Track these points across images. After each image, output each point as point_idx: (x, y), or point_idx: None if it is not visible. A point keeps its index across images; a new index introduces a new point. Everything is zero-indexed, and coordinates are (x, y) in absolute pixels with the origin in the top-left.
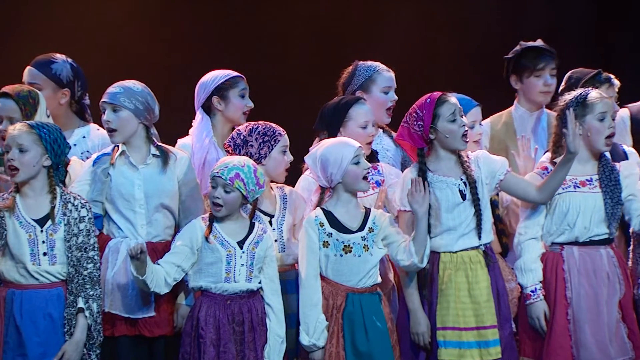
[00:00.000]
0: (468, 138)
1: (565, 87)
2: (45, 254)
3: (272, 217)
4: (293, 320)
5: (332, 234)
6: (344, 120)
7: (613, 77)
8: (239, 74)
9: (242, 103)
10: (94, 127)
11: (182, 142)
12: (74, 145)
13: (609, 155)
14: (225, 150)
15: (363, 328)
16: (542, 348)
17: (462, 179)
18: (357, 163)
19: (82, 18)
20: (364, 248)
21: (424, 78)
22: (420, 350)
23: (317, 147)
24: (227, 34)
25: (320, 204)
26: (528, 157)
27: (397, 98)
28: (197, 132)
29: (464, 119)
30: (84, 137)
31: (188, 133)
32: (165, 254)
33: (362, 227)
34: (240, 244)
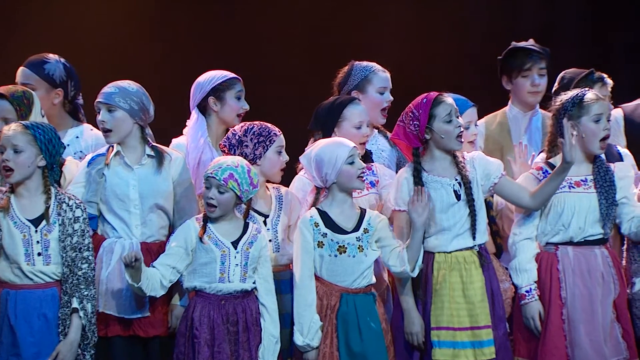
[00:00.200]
0: (463, 138)
1: (559, 87)
2: (40, 254)
3: (267, 217)
4: (287, 320)
5: (326, 234)
6: (339, 121)
7: (606, 76)
8: (236, 76)
9: (237, 105)
10: (88, 127)
11: (176, 142)
12: (67, 146)
13: (604, 156)
14: (222, 151)
15: (357, 328)
16: (536, 348)
17: (456, 180)
18: (351, 163)
19: (77, 18)
20: (359, 249)
21: (421, 78)
22: (415, 350)
23: (311, 147)
24: (223, 34)
25: (315, 204)
26: (525, 163)
27: (392, 99)
28: (192, 132)
29: (460, 120)
30: (77, 137)
31: (182, 133)
32: (160, 256)
33: (357, 227)
34: (235, 244)
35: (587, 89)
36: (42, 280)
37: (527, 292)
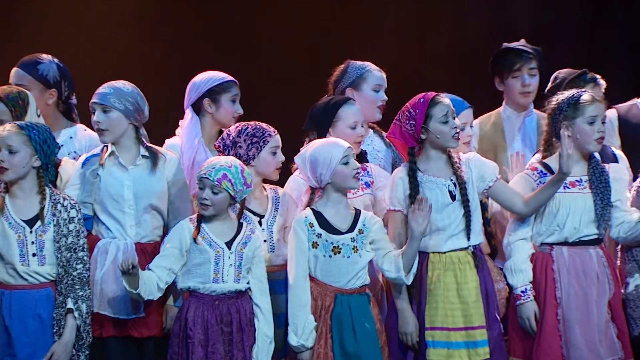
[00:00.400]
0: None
1: (552, 86)
2: (35, 255)
3: (262, 217)
4: (281, 320)
5: (321, 235)
6: (333, 121)
7: (599, 77)
8: (233, 79)
9: (232, 108)
10: (81, 127)
11: (170, 142)
12: (62, 146)
13: (599, 157)
14: (217, 151)
15: (351, 329)
16: (531, 348)
17: (451, 180)
18: (346, 163)
19: (72, 18)
20: (353, 249)
21: (418, 78)
22: (409, 351)
23: (306, 147)
24: (221, 34)
25: (310, 205)
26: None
27: (386, 98)
28: (186, 132)
29: (457, 121)
30: (71, 137)
31: (175, 133)
32: (155, 258)
33: (351, 228)
34: (229, 245)
35: (583, 90)
36: (36, 281)
37: (522, 292)
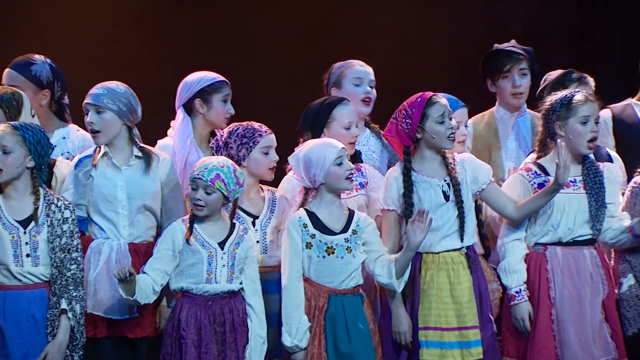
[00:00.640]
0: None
1: (543, 87)
2: (29, 256)
3: (256, 218)
4: (273, 320)
5: (315, 235)
6: (328, 121)
7: (587, 76)
8: (224, 79)
9: (224, 109)
10: (74, 127)
11: (162, 142)
12: (55, 147)
13: (593, 157)
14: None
15: (345, 329)
16: (525, 348)
17: (445, 180)
18: (339, 164)
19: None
20: (347, 250)
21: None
22: (402, 350)
23: (300, 147)
24: (216, 34)
25: (304, 205)
26: None
27: (370, 90)
28: (178, 132)
29: (453, 122)
30: (64, 137)
31: (166, 134)
32: (149, 260)
33: (345, 228)
34: (221, 245)
35: (577, 90)
36: (30, 281)
37: (516, 292)
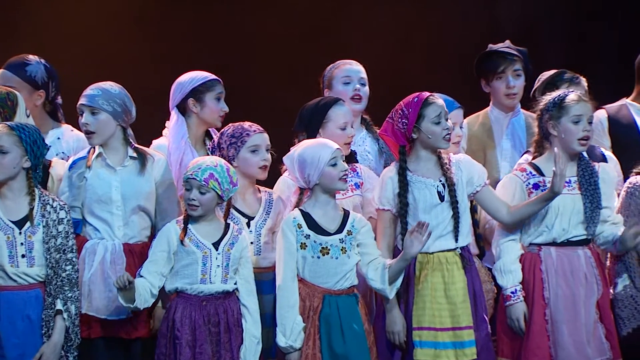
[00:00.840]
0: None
1: (535, 88)
2: (24, 256)
3: (251, 219)
4: (268, 320)
5: (309, 236)
6: (323, 122)
7: (580, 76)
8: (217, 77)
9: (217, 107)
10: (68, 127)
11: (157, 143)
12: (49, 147)
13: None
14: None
15: (339, 330)
16: (520, 348)
17: (440, 181)
18: (334, 165)
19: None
20: (342, 250)
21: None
22: (396, 350)
23: (295, 148)
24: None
25: (299, 205)
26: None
27: (360, 87)
28: (173, 132)
29: (449, 123)
30: (59, 138)
31: (161, 134)
32: (145, 263)
33: (340, 229)
34: (216, 245)
35: (571, 90)
36: (25, 282)
37: (512, 293)
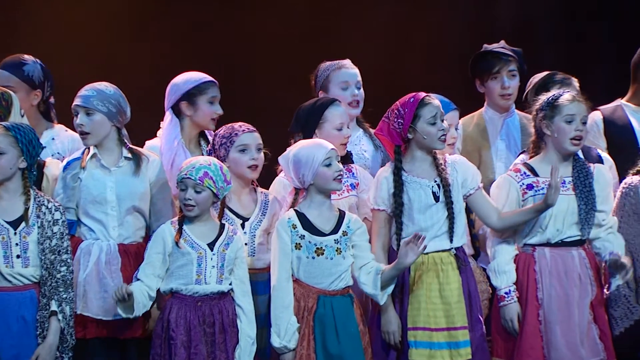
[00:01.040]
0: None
1: (528, 91)
2: (19, 257)
3: (246, 220)
4: (262, 321)
5: (304, 236)
6: (320, 122)
7: (571, 77)
8: (211, 80)
9: (210, 110)
10: (62, 128)
11: (150, 144)
12: (44, 147)
13: (583, 157)
14: None
15: (334, 330)
16: (514, 349)
17: (436, 181)
18: (328, 165)
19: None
20: (337, 251)
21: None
22: (391, 350)
23: (290, 148)
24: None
25: (294, 206)
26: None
27: (357, 92)
28: (165, 133)
29: (445, 124)
30: (53, 138)
31: (156, 135)
32: (142, 266)
33: (335, 229)
34: (211, 246)
35: (566, 90)
36: (20, 283)
37: (506, 293)
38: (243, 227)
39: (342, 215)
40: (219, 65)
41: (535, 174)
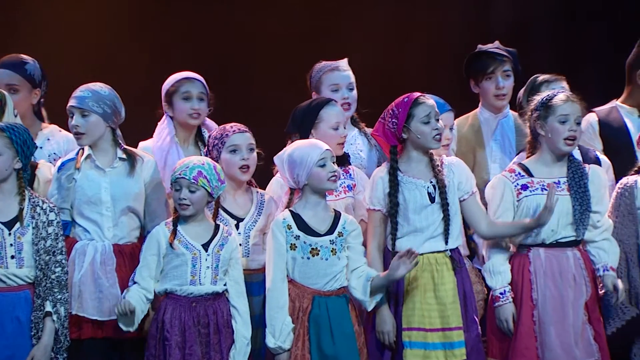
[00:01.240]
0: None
1: (525, 90)
2: (13, 257)
3: (240, 220)
4: (257, 321)
5: (299, 237)
6: (315, 122)
7: (560, 78)
8: (187, 76)
9: (186, 106)
10: (56, 128)
11: (143, 144)
12: (40, 148)
13: (580, 158)
14: None
15: (329, 331)
16: (509, 349)
17: (431, 182)
18: (322, 165)
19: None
20: (332, 252)
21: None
22: (386, 350)
23: (286, 148)
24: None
25: (290, 206)
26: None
27: (349, 95)
28: (156, 133)
29: (440, 123)
30: (49, 139)
31: (152, 136)
32: (138, 268)
33: (331, 230)
34: (205, 247)
35: (561, 91)
36: (15, 283)
37: (501, 294)
38: (238, 227)
39: (337, 216)
40: (218, 66)
41: (530, 175)
